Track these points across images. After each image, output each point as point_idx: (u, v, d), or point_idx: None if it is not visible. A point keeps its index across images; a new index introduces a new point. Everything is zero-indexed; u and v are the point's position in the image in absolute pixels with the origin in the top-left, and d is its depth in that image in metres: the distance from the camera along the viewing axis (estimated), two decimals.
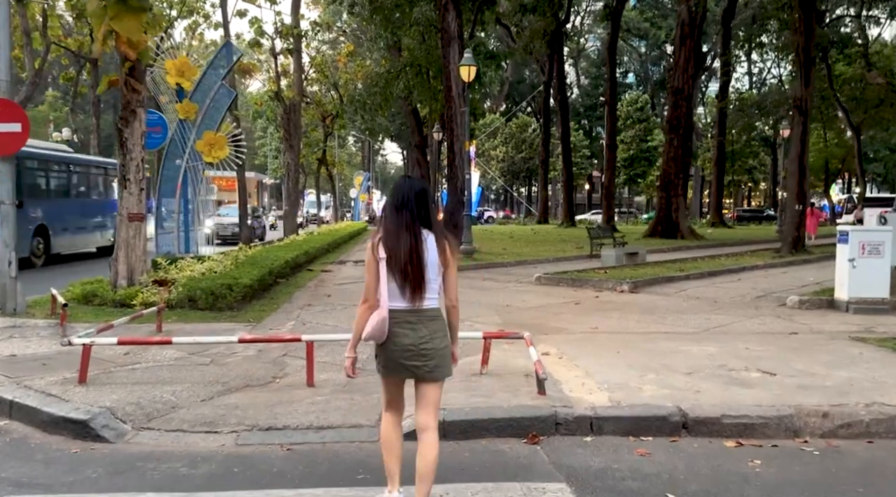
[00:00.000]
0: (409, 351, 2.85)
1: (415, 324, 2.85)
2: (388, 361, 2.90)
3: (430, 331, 2.87)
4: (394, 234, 2.85)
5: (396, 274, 2.83)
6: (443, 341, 2.93)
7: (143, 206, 9.45)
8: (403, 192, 2.92)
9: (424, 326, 2.87)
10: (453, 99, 17.15)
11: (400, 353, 2.85)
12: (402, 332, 2.85)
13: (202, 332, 7.42)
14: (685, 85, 24.62)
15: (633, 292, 10.79)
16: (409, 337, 2.84)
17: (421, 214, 2.89)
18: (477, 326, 7.81)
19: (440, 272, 2.91)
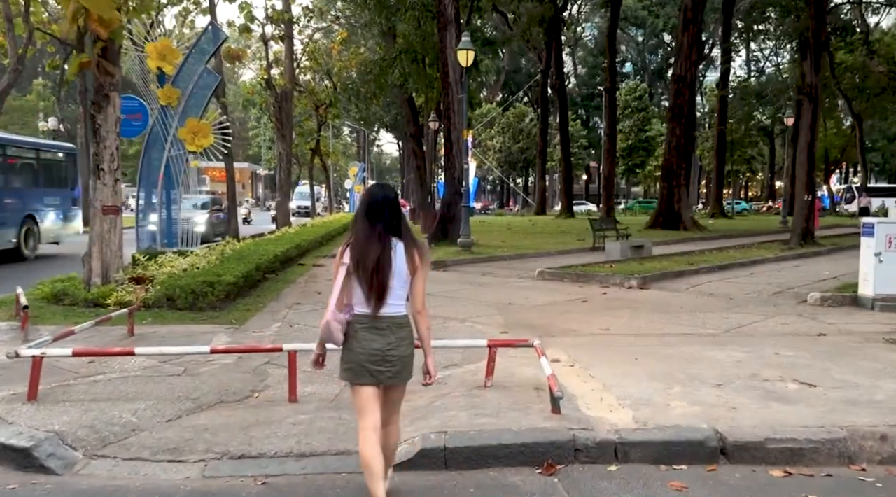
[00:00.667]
0: (375, 356, 2.88)
1: (383, 330, 2.89)
2: (353, 365, 2.91)
3: (397, 338, 2.91)
4: (363, 243, 2.87)
5: (362, 281, 2.86)
6: (408, 349, 2.97)
7: (118, 198, 8.79)
8: (376, 200, 2.94)
9: (392, 333, 2.90)
10: (450, 85, 16.46)
11: (366, 357, 2.88)
12: (370, 337, 2.89)
13: (178, 335, 6.81)
14: (688, 72, 23.95)
15: (642, 288, 10.20)
16: (376, 342, 2.88)
17: (392, 223, 2.92)
18: (479, 327, 7.22)
19: (408, 280, 2.92)
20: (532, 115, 66.83)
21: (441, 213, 17.36)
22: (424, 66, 24.80)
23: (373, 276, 2.83)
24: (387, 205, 2.93)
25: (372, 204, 2.93)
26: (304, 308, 8.54)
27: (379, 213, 2.90)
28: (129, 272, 9.13)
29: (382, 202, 2.93)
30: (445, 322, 7.55)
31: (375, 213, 2.90)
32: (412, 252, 2.92)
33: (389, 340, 2.89)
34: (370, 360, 2.88)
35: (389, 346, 2.89)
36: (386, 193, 2.99)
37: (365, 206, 2.94)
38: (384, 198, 2.95)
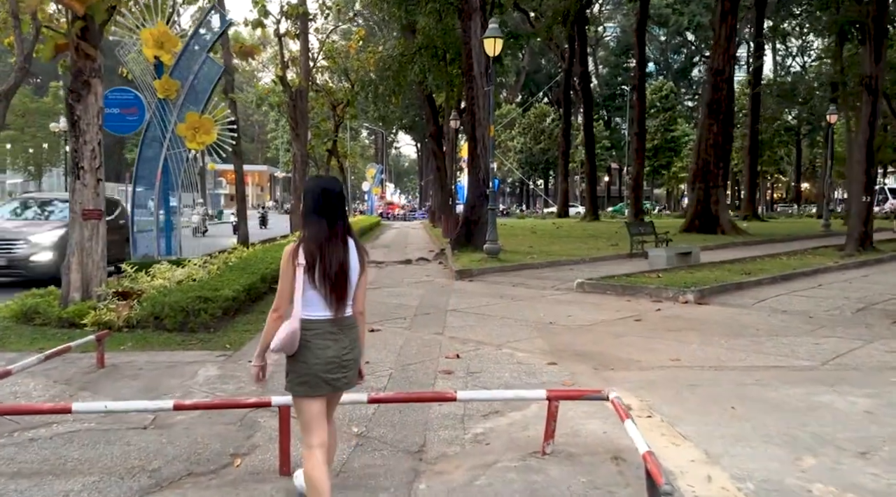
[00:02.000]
0: (332, 363, 2.66)
1: (336, 334, 2.67)
2: (309, 377, 2.65)
3: (350, 340, 2.72)
4: (321, 241, 2.65)
5: (322, 283, 2.64)
6: (359, 350, 2.81)
7: (100, 201, 7.67)
8: (326, 194, 2.70)
9: (346, 336, 2.71)
10: (475, 78, 15.22)
11: (322, 367, 2.63)
12: (324, 344, 2.64)
13: (158, 366, 5.65)
14: (726, 65, 22.50)
15: (700, 303, 8.86)
16: (331, 348, 2.65)
17: (344, 219, 2.75)
18: (519, 355, 5.96)
19: (356, 279, 2.77)
20: (553, 116, 65.47)
21: (464, 217, 16.12)
22: (445, 61, 23.60)
23: (336, 276, 2.64)
24: (342, 200, 2.74)
25: (329, 199, 2.69)
26: None
27: (337, 210, 2.71)
28: (114, 285, 8.01)
29: (339, 196, 2.73)
30: (478, 348, 6.31)
31: (333, 210, 2.70)
32: (361, 252, 2.80)
33: (344, 344, 2.70)
34: (327, 368, 2.65)
35: (344, 350, 2.70)
36: (335, 186, 2.75)
37: (319, 200, 2.68)
38: (339, 192, 2.73)
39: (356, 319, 2.80)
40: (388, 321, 7.72)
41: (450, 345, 6.47)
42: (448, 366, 5.64)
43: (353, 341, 2.74)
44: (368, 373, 5.36)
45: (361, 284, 2.79)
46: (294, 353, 2.63)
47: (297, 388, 2.66)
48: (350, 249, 2.73)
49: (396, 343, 6.55)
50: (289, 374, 2.68)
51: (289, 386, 2.69)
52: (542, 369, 5.54)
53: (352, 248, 2.74)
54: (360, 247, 2.80)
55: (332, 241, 2.66)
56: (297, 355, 2.63)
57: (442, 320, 7.79)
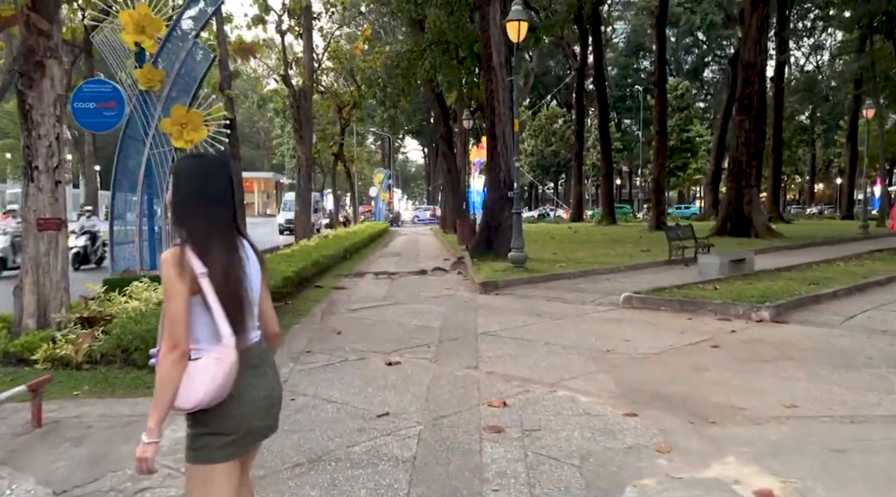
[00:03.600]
0: (265, 407, 1.97)
1: (259, 366, 1.98)
2: (239, 435, 1.91)
3: (273, 371, 2.06)
4: (214, 241, 1.91)
5: (223, 299, 1.88)
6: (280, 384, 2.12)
7: (59, 208, 6.36)
8: (219, 176, 1.99)
9: (268, 367, 2.04)
10: (494, 69, 13.87)
11: (254, 415, 1.93)
12: (249, 383, 1.93)
13: (117, 419, 4.36)
14: (757, 58, 21.07)
15: (777, 321, 7.45)
16: (259, 387, 1.96)
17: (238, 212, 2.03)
18: (582, 400, 4.60)
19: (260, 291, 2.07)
20: (565, 117, 64.22)
21: (484, 222, 14.75)
22: (458, 57, 22.31)
23: (239, 289, 1.92)
24: (230, 185, 2.00)
25: (216, 182, 1.97)
26: (317, 360, 5.97)
27: (228, 199, 1.99)
28: (78, 308, 6.69)
29: (227, 181, 1.99)
30: (527, 390, 4.92)
31: (223, 197, 1.97)
32: (259, 256, 2.08)
33: (269, 377, 2.02)
34: (259, 415, 1.95)
35: (271, 384, 2.02)
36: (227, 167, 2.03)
37: (204, 185, 1.94)
38: (226, 174, 2.01)
39: (271, 344, 2.15)
40: (409, 350, 6.34)
41: (490, 384, 5.09)
42: (494, 418, 4.27)
43: (275, 371, 2.10)
44: (388, 429, 4.00)
45: (266, 296, 2.13)
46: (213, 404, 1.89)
47: (219, 453, 1.90)
48: (248, 252, 2.03)
49: (422, 382, 5.18)
50: (200, 438, 1.91)
51: (202, 455, 1.90)
52: (621, 424, 4.16)
53: (248, 249, 2.05)
54: (257, 249, 2.11)
55: (225, 239, 1.96)
56: (217, 407, 1.89)
57: (473, 347, 6.42)
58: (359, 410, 4.48)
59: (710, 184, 42.20)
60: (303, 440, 3.94)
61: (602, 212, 37.35)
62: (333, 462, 3.61)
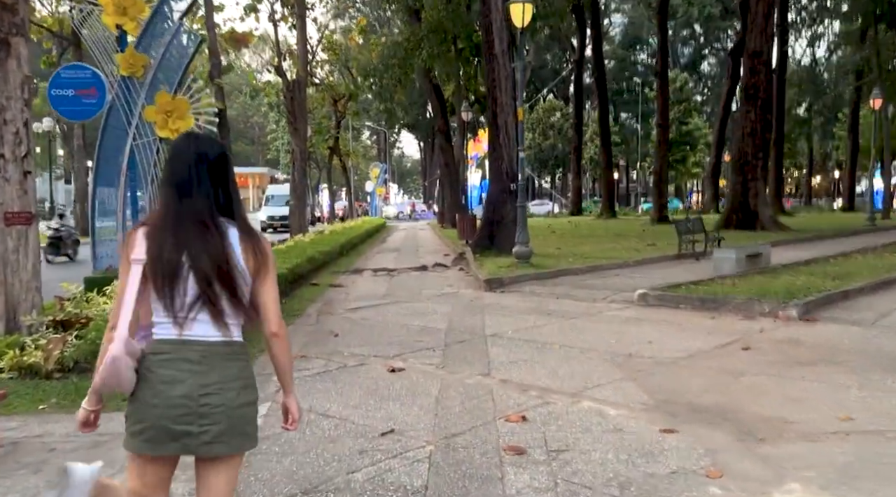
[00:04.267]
0: (181, 407, 1.73)
1: (196, 363, 1.76)
2: (146, 424, 1.74)
3: (220, 376, 1.77)
4: (171, 225, 1.78)
5: (166, 285, 1.75)
6: (241, 395, 1.80)
7: (29, 200, 5.81)
8: (190, 158, 1.84)
9: (213, 369, 1.77)
10: (496, 57, 13.32)
11: (165, 411, 1.73)
12: (171, 375, 1.75)
13: (84, 438, 3.79)
14: (764, 46, 20.54)
15: (808, 320, 6.94)
16: (183, 384, 1.74)
17: (219, 195, 1.84)
18: (611, 414, 4.09)
19: (249, 284, 1.83)
20: (563, 110, 63.70)
21: (486, 216, 14.21)
22: (455, 48, 21.74)
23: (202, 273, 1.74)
24: (209, 166, 1.83)
25: (187, 166, 1.82)
26: (313, 366, 5.44)
27: (199, 181, 1.81)
28: (51, 311, 6.14)
29: (201, 162, 1.82)
30: (547, 401, 4.40)
31: (190, 180, 1.81)
32: (256, 241, 1.85)
33: (206, 380, 1.75)
34: (172, 415, 1.72)
35: (206, 389, 1.74)
36: (206, 147, 1.87)
37: (174, 169, 1.84)
38: (202, 155, 1.84)
39: (269, 344, 1.90)
40: (413, 354, 5.82)
41: (505, 395, 4.57)
42: (514, 437, 3.75)
43: (229, 379, 1.79)
44: (394, 450, 3.47)
45: (265, 293, 1.87)
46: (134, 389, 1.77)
47: (131, 440, 1.78)
48: (229, 238, 1.81)
49: (430, 392, 4.66)
50: (127, 420, 1.81)
51: (125, 436, 1.81)
52: (660, 443, 3.64)
53: (231, 235, 1.82)
54: (254, 236, 1.88)
55: (184, 224, 1.78)
56: (135, 392, 1.78)
57: (483, 351, 5.89)
58: (360, 427, 3.95)
59: (710, 177, 41.73)
60: (296, 465, 3.41)
61: (602, 205, 36.84)
62: (332, 493, 3.09)
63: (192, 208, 1.80)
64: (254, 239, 1.87)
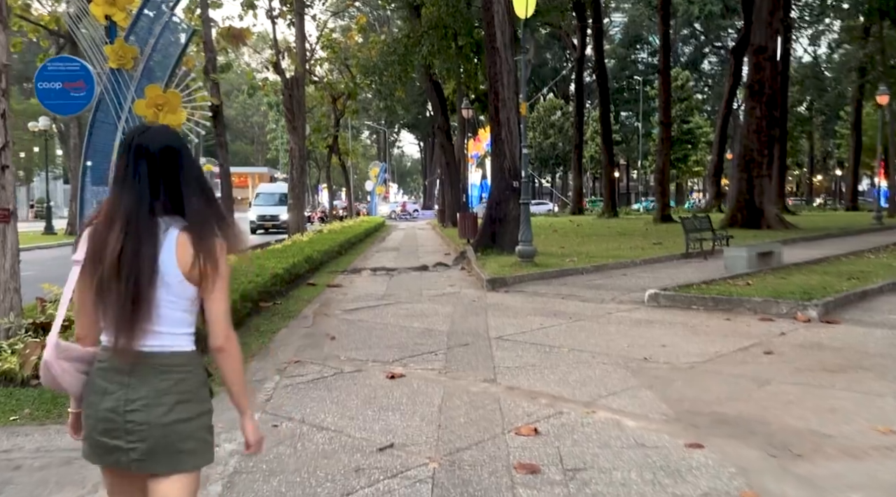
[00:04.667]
0: (108, 421, 1.64)
1: (127, 375, 1.65)
2: (85, 434, 1.71)
3: (149, 391, 1.64)
4: (106, 225, 1.66)
5: (99, 289, 1.65)
6: (173, 411, 1.64)
7: (8, 197, 5.47)
8: (129, 152, 1.70)
9: (144, 383, 1.65)
10: (497, 51, 12.99)
11: (95, 424, 1.66)
12: (103, 386, 1.66)
13: (55, 453, 3.49)
14: (769, 41, 20.20)
15: (827, 321, 6.61)
16: (111, 397, 1.64)
17: (158, 189, 1.68)
18: (630, 426, 3.77)
19: (190, 292, 1.67)
20: (563, 109, 63.45)
21: (488, 215, 13.87)
22: (456, 44, 21.41)
23: (112, 280, 1.62)
24: (150, 160, 1.68)
25: (122, 158, 1.71)
26: (307, 372, 5.11)
27: (134, 175, 1.67)
28: (33, 313, 5.81)
29: (139, 154, 1.68)
30: (560, 411, 4.08)
31: (126, 175, 1.68)
32: (196, 247, 1.65)
33: (135, 395, 1.63)
34: (101, 428, 1.64)
35: (132, 404, 1.62)
36: (146, 141, 1.70)
37: (117, 161, 1.74)
38: (141, 148, 1.68)
39: (216, 358, 1.70)
40: (414, 359, 5.49)
41: (513, 403, 4.24)
42: (526, 452, 3.42)
43: (161, 393, 1.63)
44: (394, 469, 3.15)
45: (211, 300, 1.67)
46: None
47: (82, 446, 1.72)
48: (157, 237, 1.64)
49: (432, 401, 4.33)
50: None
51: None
52: (686, 459, 3.31)
53: (168, 236, 1.65)
54: (201, 237, 1.66)
55: (115, 222, 1.64)
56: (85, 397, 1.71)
57: (488, 355, 5.56)
58: (356, 441, 3.62)
59: (712, 175, 41.38)
60: (285, 485, 3.08)
61: (604, 204, 36.50)
62: None
63: (126, 207, 1.67)
64: (198, 242, 1.68)
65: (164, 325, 1.66)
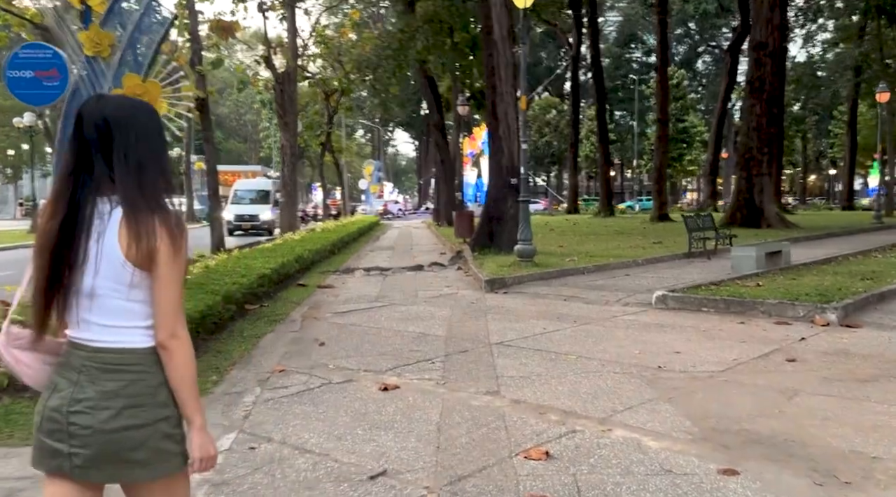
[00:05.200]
0: (52, 421, 1.50)
1: (77, 372, 1.51)
2: (34, 435, 1.56)
3: (96, 392, 1.49)
4: (51, 209, 1.54)
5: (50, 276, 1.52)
6: (121, 417, 1.48)
7: None
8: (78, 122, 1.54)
9: (93, 382, 1.49)
10: (495, 43, 12.57)
11: (41, 422, 1.52)
12: (55, 381, 1.53)
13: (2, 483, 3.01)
14: (770, 37, 19.86)
15: (847, 325, 6.23)
16: (59, 395, 1.51)
17: (100, 164, 1.52)
18: (652, 448, 3.35)
19: (135, 277, 1.50)
20: (559, 108, 63.22)
21: (485, 213, 13.45)
22: (452, 39, 20.98)
23: (49, 263, 1.50)
24: (87, 134, 1.52)
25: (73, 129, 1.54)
26: (292, 382, 4.67)
27: (72, 152, 1.53)
28: None
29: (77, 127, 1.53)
30: (571, 429, 3.66)
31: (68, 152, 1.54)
32: (139, 228, 1.48)
33: (82, 395, 1.48)
34: (45, 428, 1.50)
35: (76, 406, 1.48)
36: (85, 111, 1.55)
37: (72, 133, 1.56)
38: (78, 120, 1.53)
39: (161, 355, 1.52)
40: (409, 367, 5.06)
41: (519, 420, 3.82)
42: (537, 482, 2.99)
43: (110, 395, 1.48)
44: None
45: (157, 291, 1.50)
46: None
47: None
48: (98, 218, 1.50)
49: (429, 417, 3.90)
50: None
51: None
52: (721, 489, 2.90)
53: (111, 218, 1.49)
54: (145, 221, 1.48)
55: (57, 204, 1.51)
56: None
57: (489, 363, 5.14)
58: (344, 467, 3.19)
59: (708, 174, 41.14)
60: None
61: (600, 203, 36.18)
62: None
63: (64, 186, 1.53)
64: (141, 223, 1.49)
65: (111, 317, 1.51)
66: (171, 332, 1.51)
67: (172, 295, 1.51)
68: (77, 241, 1.50)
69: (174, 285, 1.51)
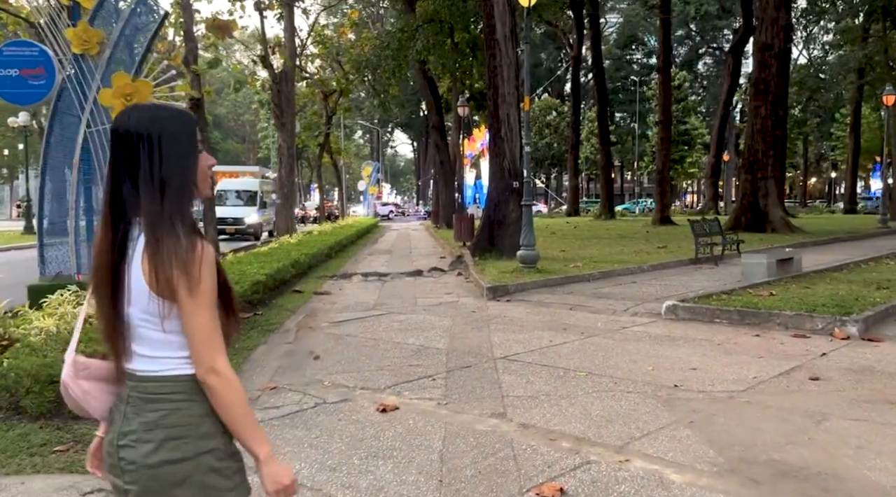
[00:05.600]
0: (109, 456, 1.44)
1: (125, 403, 1.43)
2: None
3: (140, 424, 1.39)
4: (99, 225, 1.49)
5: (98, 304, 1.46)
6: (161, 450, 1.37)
7: None
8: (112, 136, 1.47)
9: (136, 414, 1.41)
10: (497, 43, 12.28)
11: (105, 459, 1.46)
12: (112, 416, 1.47)
13: None
14: (775, 38, 19.59)
15: (869, 339, 5.94)
16: (112, 427, 1.45)
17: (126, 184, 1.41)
18: (675, 482, 3.07)
19: (164, 309, 1.38)
20: (557, 109, 63.00)
21: (486, 216, 13.15)
22: (452, 39, 20.70)
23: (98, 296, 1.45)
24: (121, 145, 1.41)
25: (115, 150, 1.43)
26: (284, 402, 4.38)
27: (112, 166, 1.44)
28: None
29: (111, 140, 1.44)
30: (585, 458, 3.36)
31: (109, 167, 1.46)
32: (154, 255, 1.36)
33: (127, 427, 1.40)
34: (107, 463, 1.45)
35: (123, 439, 1.39)
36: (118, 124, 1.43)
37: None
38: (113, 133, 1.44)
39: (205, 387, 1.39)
40: (409, 385, 4.76)
41: (529, 448, 3.52)
42: None
43: (151, 425, 1.38)
44: None
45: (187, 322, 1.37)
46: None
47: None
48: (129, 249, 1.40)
49: (431, 444, 3.60)
50: None
51: None
52: None
53: (136, 246, 1.40)
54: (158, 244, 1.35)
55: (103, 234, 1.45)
56: None
57: (494, 381, 4.85)
58: None
59: (709, 177, 40.89)
60: None
61: (601, 205, 35.90)
62: None
63: (106, 209, 1.46)
64: (149, 247, 1.39)
65: (149, 347, 1.42)
66: (208, 366, 1.38)
67: (200, 326, 1.38)
68: (119, 269, 1.42)
69: (200, 316, 1.37)
